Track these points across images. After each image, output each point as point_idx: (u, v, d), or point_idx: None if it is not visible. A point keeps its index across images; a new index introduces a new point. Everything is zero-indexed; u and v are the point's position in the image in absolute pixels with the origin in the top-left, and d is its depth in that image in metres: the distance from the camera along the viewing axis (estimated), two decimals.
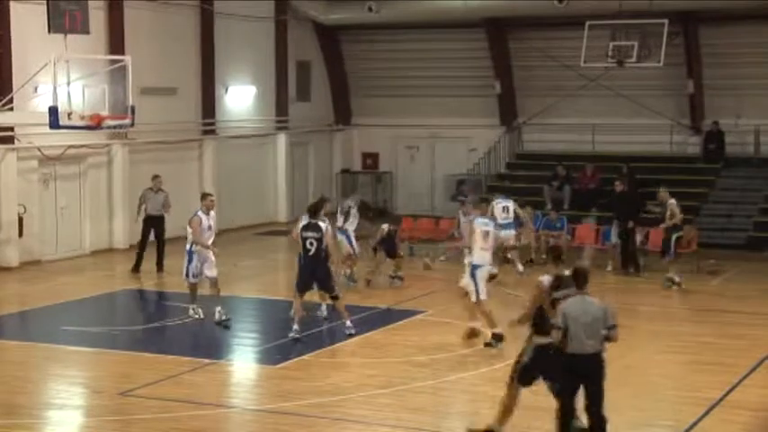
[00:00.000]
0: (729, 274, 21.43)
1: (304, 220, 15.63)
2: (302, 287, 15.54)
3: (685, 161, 28.40)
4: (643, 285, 20.65)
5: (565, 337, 9.72)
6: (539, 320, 10.35)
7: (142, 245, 21.65)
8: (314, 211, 15.58)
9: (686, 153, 28.71)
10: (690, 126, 28.76)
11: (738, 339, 15.85)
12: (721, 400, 12.44)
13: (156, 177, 21.89)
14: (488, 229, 15.28)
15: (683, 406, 12.28)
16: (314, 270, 15.42)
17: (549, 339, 10.00)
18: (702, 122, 28.53)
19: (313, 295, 16.36)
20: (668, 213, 20.27)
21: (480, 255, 15.01)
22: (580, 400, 9.94)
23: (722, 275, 21.26)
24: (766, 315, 17.69)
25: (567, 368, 9.84)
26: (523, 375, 10.52)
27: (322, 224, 15.40)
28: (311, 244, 15.23)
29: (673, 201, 20.40)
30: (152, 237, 21.69)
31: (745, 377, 13.36)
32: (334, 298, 15.59)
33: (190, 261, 16.73)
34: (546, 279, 10.48)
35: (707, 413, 11.90)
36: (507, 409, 10.67)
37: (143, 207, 21.75)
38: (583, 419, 10.02)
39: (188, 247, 16.81)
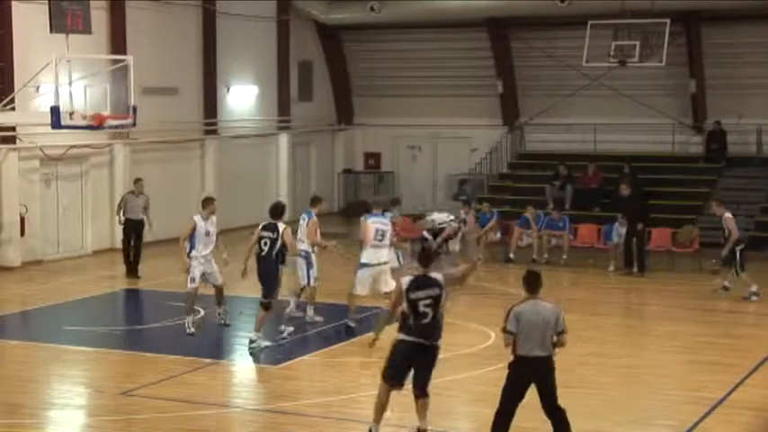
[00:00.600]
0: (731, 273, 21.40)
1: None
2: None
3: (687, 161, 28.37)
4: (646, 285, 20.63)
5: (515, 341, 9.90)
6: (402, 318, 10.58)
7: (126, 250, 21.52)
8: (274, 211, 15.24)
9: (688, 153, 28.69)
10: (692, 126, 28.74)
11: (740, 339, 15.85)
12: (723, 400, 12.43)
13: (137, 181, 21.82)
14: (382, 227, 15.88)
15: (684, 405, 12.27)
16: (261, 270, 15.01)
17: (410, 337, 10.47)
18: (705, 122, 28.52)
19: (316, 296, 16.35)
20: (726, 232, 19.34)
21: (369, 252, 15.67)
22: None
23: (722, 275, 21.21)
24: None
25: (516, 370, 10.01)
26: (389, 371, 10.63)
27: (281, 226, 15.03)
28: (265, 244, 14.89)
29: (728, 214, 19.61)
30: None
31: (746, 377, 13.36)
32: (264, 305, 14.96)
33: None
34: (405, 279, 10.64)
35: (708, 413, 11.89)
36: (378, 406, 10.79)
37: (121, 211, 21.59)
38: None
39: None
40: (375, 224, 15.91)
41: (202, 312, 16.74)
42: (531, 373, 9.97)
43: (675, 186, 27.02)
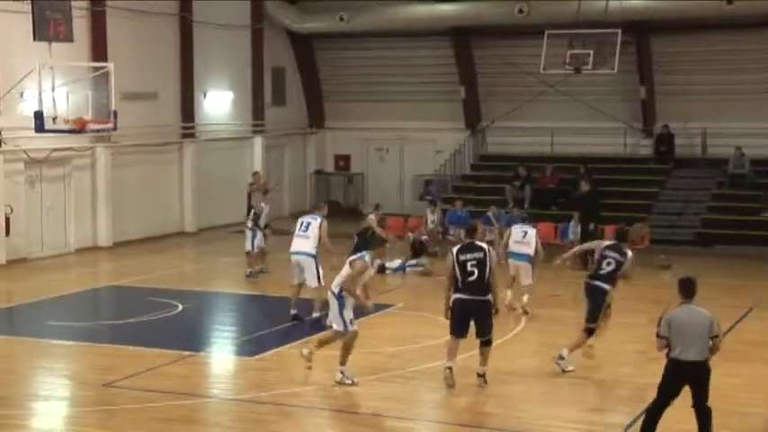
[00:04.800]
0: (680, 268, 21.47)
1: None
2: None
3: (638, 162, 28.51)
4: None
5: (668, 344, 9.67)
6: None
7: None
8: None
9: (639, 154, 28.82)
10: (642, 129, 28.87)
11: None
12: None
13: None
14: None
15: (637, 393, 12.26)
16: None
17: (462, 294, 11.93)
18: (654, 126, 28.66)
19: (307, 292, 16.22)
20: None
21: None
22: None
23: (673, 270, 21.29)
24: (715, 307, 17.66)
25: (669, 372, 9.74)
26: (452, 327, 12.21)
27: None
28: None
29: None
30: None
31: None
32: None
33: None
34: (455, 247, 12.36)
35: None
36: (449, 351, 12.24)
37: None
38: None
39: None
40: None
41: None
42: (683, 375, 9.65)
43: (627, 186, 27.13)
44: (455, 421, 11.43)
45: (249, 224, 20.31)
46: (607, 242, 13.95)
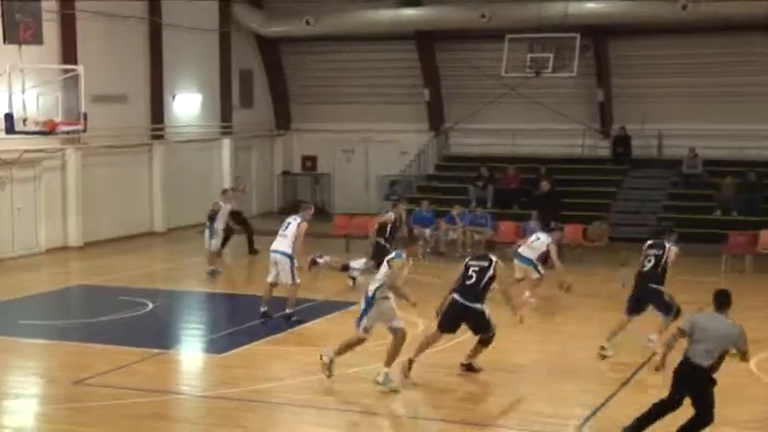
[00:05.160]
0: (637, 264, 21.67)
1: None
2: None
3: (596, 163, 28.74)
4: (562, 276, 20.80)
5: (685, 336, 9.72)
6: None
7: None
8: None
9: (597, 155, 29.05)
10: (600, 131, 29.10)
11: (643, 322, 15.98)
12: (629, 380, 12.61)
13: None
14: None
15: (598, 385, 12.42)
16: None
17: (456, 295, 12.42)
18: (611, 127, 28.90)
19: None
20: None
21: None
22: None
23: (631, 265, 21.46)
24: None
25: (679, 371, 9.71)
26: (440, 319, 12.55)
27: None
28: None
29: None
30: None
31: (649, 358, 13.46)
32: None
33: None
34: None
35: (617, 391, 12.10)
36: (424, 344, 12.50)
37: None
38: None
39: None
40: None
41: None
42: (685, 377, 9.62)
43: (585, 186, 27.36)
44: (417, 415, 11.52)
45: (207, 223, 20.49)
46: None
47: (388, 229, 18.69)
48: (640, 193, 27.26)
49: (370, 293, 12.08)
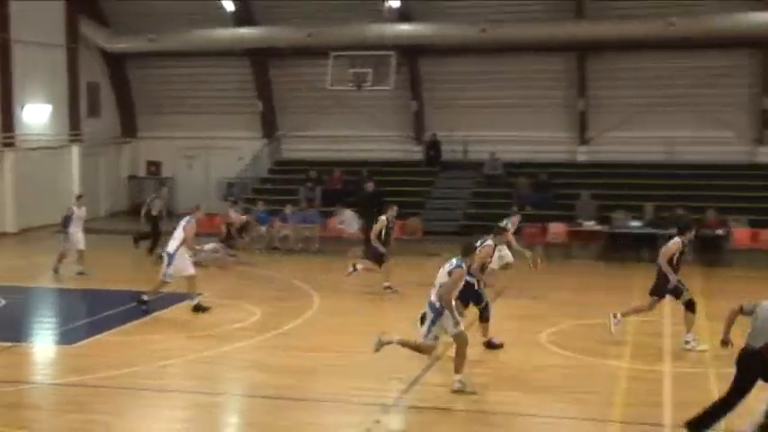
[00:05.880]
0: (446, 254, 22.31)
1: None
2: None
3: (411, 165, 29.34)
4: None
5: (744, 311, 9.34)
6: None
7: None
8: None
9: (412, 159, 29.67)
10: (414, 137, 29.77)
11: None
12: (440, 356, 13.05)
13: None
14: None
15: (411, 361, 12.76)
16: None
17: None
18: (424, 134, 29.60)
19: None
20: None
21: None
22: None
23: (441, 256, 22.09)
24: None
25: (741, 359, 9.19)
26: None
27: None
28: None
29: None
30: None
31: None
32: None
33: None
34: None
35: (430, 366, 12.40)
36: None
37: None
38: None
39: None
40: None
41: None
42: (754, 363, 9.06)
43: (402, 186, 27.90)
44: (261, 394, 11.59)
45: (61, 227, 20.08)
46: None
47: (383, 232, 18.33)
48: (449, 192, 28.03)
49: (437, 303, 11.12)
